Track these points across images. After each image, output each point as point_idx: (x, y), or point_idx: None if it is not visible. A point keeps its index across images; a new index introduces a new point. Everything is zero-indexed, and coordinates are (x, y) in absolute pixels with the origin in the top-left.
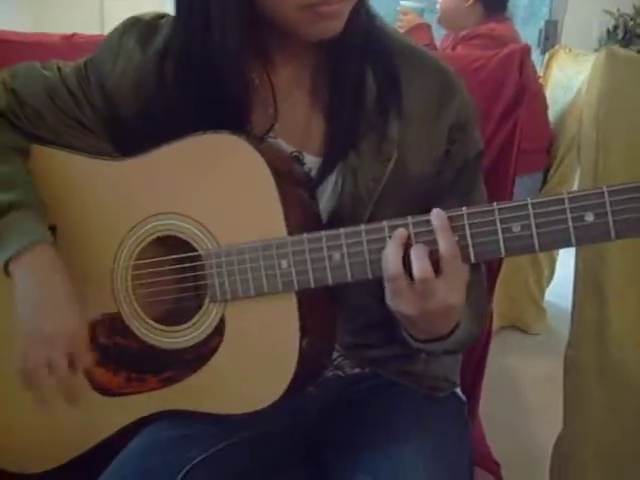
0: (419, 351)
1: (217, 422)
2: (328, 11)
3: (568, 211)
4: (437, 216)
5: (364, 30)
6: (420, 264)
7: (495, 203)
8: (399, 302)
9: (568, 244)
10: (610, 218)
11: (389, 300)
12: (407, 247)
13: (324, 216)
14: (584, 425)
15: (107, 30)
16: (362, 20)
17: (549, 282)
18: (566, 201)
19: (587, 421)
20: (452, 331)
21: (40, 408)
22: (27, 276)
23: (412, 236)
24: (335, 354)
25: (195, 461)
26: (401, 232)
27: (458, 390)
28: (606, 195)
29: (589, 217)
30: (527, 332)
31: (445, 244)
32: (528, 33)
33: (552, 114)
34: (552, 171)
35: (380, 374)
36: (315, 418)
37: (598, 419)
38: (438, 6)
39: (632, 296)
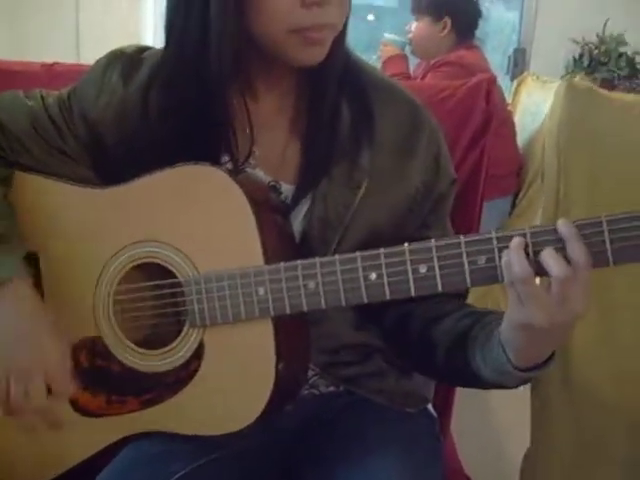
0: (517, 384)
1: (196, 439)
2: (315, 37)
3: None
4: (565, 225)
5: (343, 62)
6: (558, 264)
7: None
8: (531, 310)
9: None
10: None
11: (516, 311)
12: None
13: (296, 238)
14: (550, 437)
15: (82, 42)
16: (342, 52)
17: None
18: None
19: (552, 433)
20: (552, 355)
21: (24, 433)
22: (5, 309)
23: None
24: (310, 373)
25: (176, 477)
26: (520, 240)
27: (429, 406)
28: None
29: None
30: None
31: (579, 250)
32: (497, 60)
33: (521, 140)
34: (521, 195)
35: (354, 392)
36: (291, 436)
37: (562, 430)
38: (410, 35)
39: (592, 312)
